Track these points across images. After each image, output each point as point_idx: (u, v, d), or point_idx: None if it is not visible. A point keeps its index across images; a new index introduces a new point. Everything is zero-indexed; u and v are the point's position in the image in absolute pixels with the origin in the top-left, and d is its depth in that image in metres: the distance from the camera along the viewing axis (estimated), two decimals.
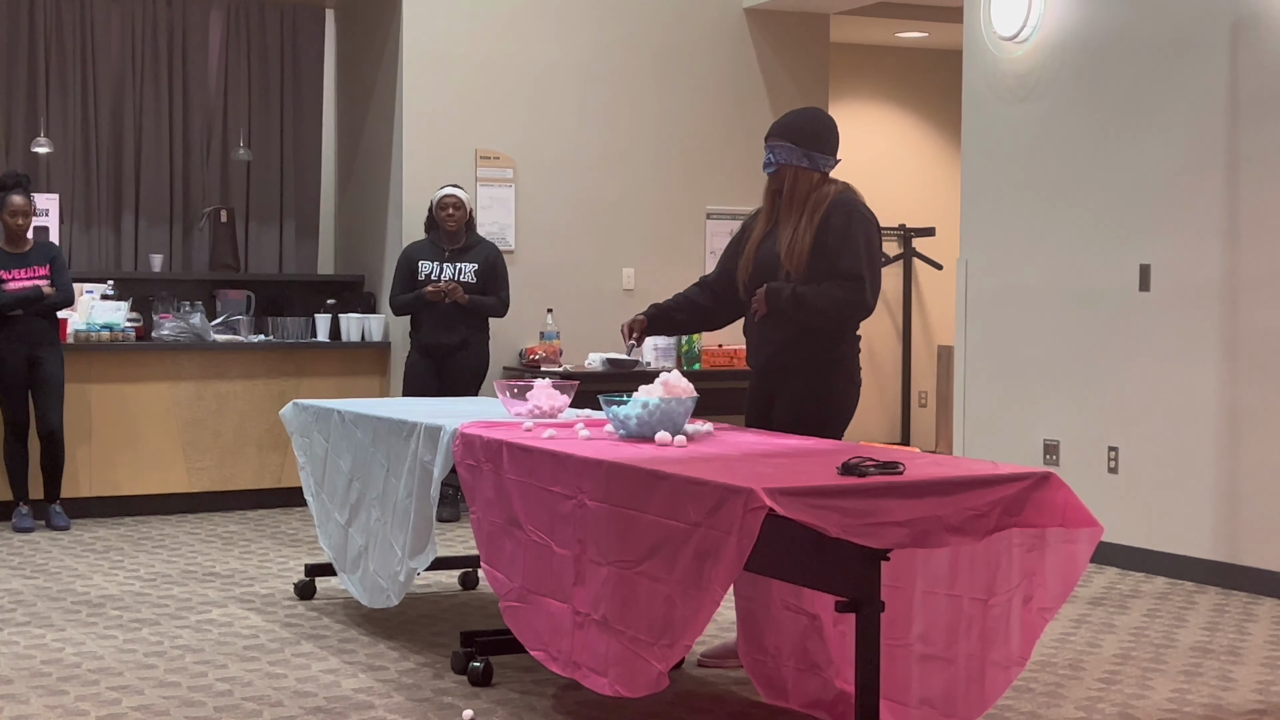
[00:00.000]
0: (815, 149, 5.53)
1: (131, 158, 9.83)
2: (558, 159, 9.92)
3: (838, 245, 5.41)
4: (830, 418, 5.55)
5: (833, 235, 5.42)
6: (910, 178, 12.84)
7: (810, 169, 5.53)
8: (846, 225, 5.43)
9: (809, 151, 5.52)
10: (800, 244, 5.44)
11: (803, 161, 5.52)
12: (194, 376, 9.24)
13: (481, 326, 9.07)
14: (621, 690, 4.37)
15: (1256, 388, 7.14)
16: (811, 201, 5.49)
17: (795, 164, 5.52)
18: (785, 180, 5.54)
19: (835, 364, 5.57)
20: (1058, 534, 4.29)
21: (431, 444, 5.47)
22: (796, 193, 5.52)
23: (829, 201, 5.48)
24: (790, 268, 5.45)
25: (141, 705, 5.00)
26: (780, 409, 5.59)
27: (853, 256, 5.41)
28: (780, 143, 5.54)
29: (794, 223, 5.49)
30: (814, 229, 5.44)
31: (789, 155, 5.52)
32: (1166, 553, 7.52)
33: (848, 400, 5.62)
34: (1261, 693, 5.34)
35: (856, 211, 5.48)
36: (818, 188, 5.53)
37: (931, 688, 4.57)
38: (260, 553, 7.93)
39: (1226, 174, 7.25)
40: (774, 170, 5.56)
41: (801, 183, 5.52)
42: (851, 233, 5.42)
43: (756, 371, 5.72)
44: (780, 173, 5.55)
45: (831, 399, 5.57)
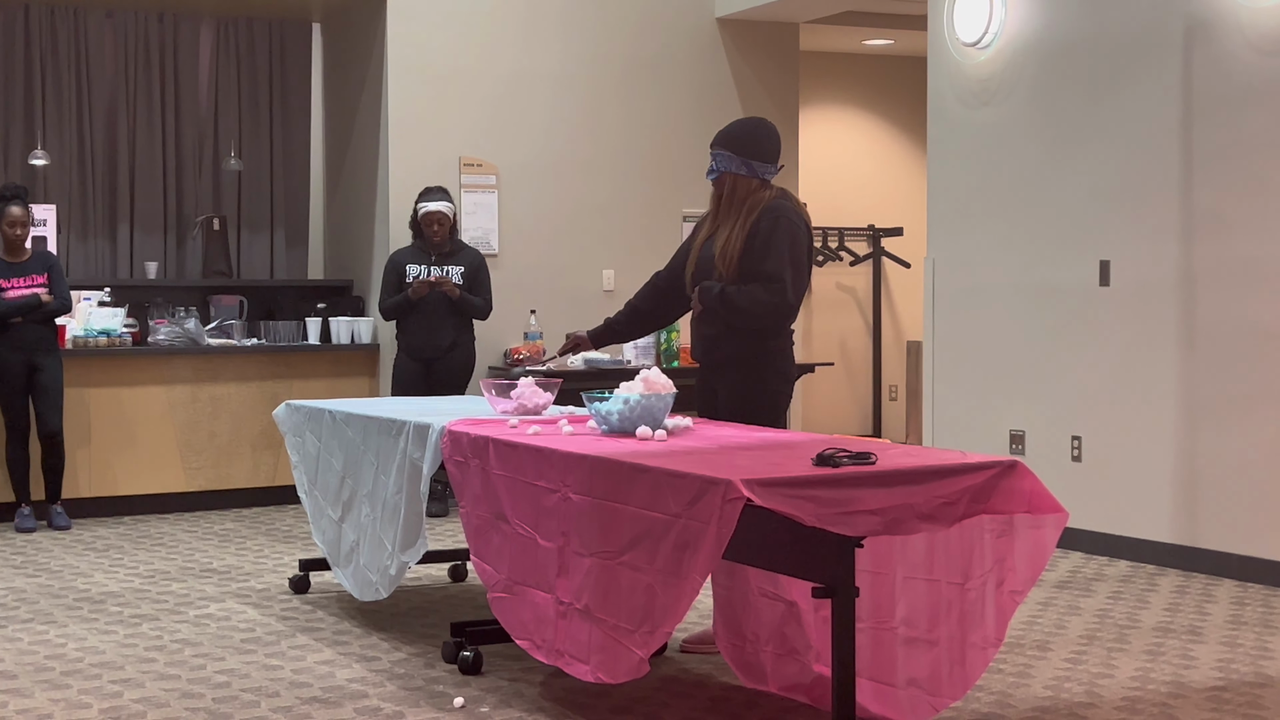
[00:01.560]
0: (753, 157, 5.74)
1: (126, 169, 9.91)
2: (539, 165, 10.01)
3: (762, 249, 5.62)
4: (764, 408, 5.74)
5: (759, 239, 5.63)
6: (878, 180, 12.91)
7: (749, 176, 5.74)
8: (772, 230, 5.64)
9: (747, 160, 5.73)
10: (732, 247, 5.66)
11: (741, 169, 5.73)
12: (189, 380, 9.34)
13: (467, 328, 9.17)
14: (603, 677, 4.43)
15: (1213, 378, 7.26)
16: (747, 207, 5.71)
17: (734, 171, 5.74)
18: (725, 186, 5.78)
19: (765, 358, 5.77)
20: (1025, 520, 4.34)
21: (420, 442, 5.51)
22: (735, 198, 5.75)
23: (761, 207, 5.69)
24: (722, 269, 5.68)
25: (143, 698, 5.06)
26: (721, 400, 5.81)
27: (776, 260, 5.62)
28: (721, 151, 5.77)
29: (729, 227, 5.71)
30: (745, 233, 5.65)
31: (728, 163, 5.74)
32: (1129, 537, 7.64)
33: (779, 393, 5.82)
34: (1222, 670, 5.43)
35: (784, 217, 5.67)
36: (754, 193, 5.74)
37: (917, 669, 4.62)
38: (256, 549, 8.01)
39: (1182, 172, 7.38)
40: (715, 177, 5.80)
41: (740, 189, 5.75)
42: (776, 238, 5.63)
43: (699, 365, 5.96)
44: (721, 179, 5.79)
45: (763, 392, 5.77)
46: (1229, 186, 7.20)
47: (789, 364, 5.87)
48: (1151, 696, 5.10)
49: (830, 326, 12.77)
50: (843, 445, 4.46)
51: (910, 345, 12.52)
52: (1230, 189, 7.19)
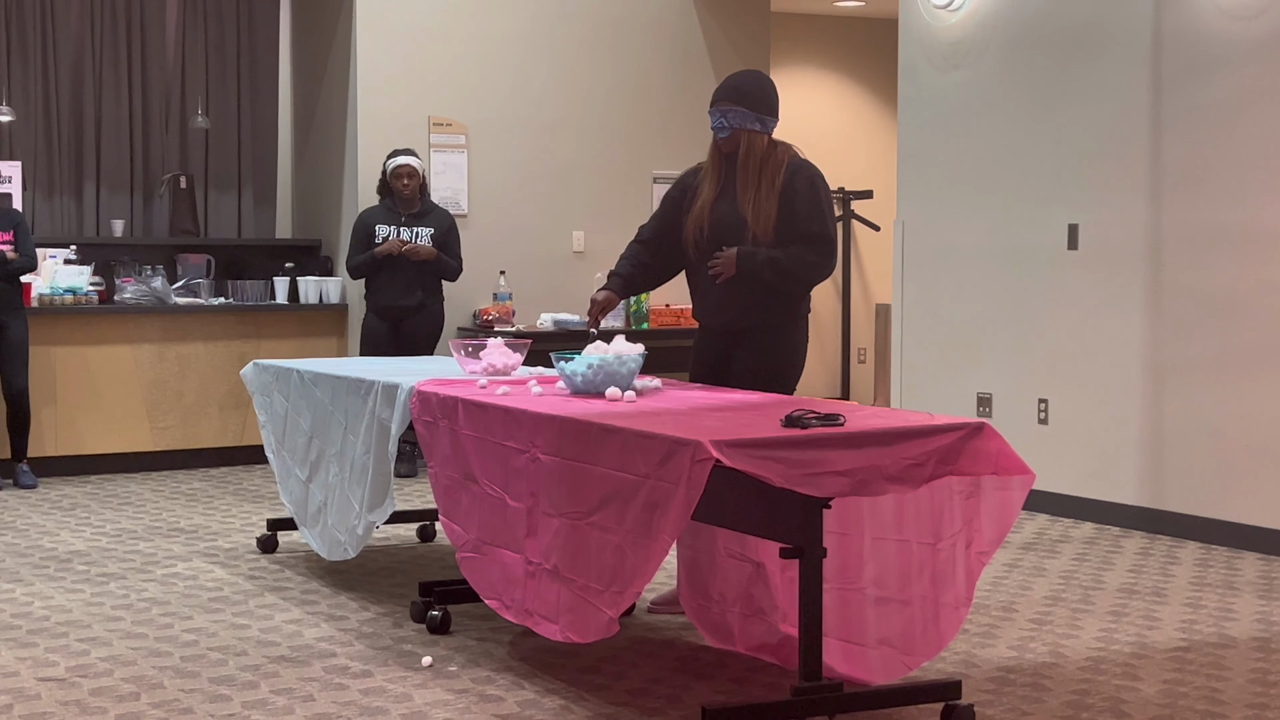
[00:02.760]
0: (766, 113, 5.57)
1: (92, 126, 9.84)
2: (508, 125, 9.99)
3: (806, 210, 5.49)
4: (788, 374, 5.66)
5: (800, 200, 5.49)
6: (849, 143, 12.92)
7: (761, 132, 5.57)
8: (811, 190, 5.52)
9: (761, 116, 5.56)
10: (766, 208, 5.49)
11: (755, 125, 5.55)
12: (156, 339, 9.32)
13: (436, 289, 9.16)
14: (572, 636, 4.44)
15: (1179, 341, 7.31)
16: (769, 166, 5.53)
17: (749, 128, 5.54)
18: (740, 145, 5.55)
19: (795, 322, 5.68)
20: (992, 482, 4.35)
21: (389, 402, 5.51)
22: (751, 157, 5.54)
23: (786, 166, 5.54)
24: (758, 232, 5.49)
25: (110, 656, 5.06)
26: (738, 366, 5.65)
27: (820, 221, 5.51)
28: (732, 107, 5.53)
29: (754, 188, 5.52)
30: (777, 194, 5.50)
31: (742, 119, 5.53)
32: (1094, 499, 7.70)
33: (802, 356, 5.73)
34: (1185, 631, 5.48)
35: (816, 174, 5.57)
36: (770, 151, 5.57)
37: (889, 629, 4.63)
38: (223, 509, 8.01)
39: (1150, 137, 7.41)
40: (728, 135, 5.56)
41: (755, 147, 5.55)
42: (818, 197, 5.53)
43: (713, 331, 5.74)
44: (734, 137, 5.55)
45: (791, 356, 5.67)
46: (1197, 151, 7.23)
47: (808, 327, 5.79)
48: (1115, 657, 5.15)
49: None
50: (811, 407, 4.48)
51: (879, 308, 12.56)
52: (1199, 153, 7.23)
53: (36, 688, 4.73)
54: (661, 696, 4.65)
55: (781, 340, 5.65)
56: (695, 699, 4.59)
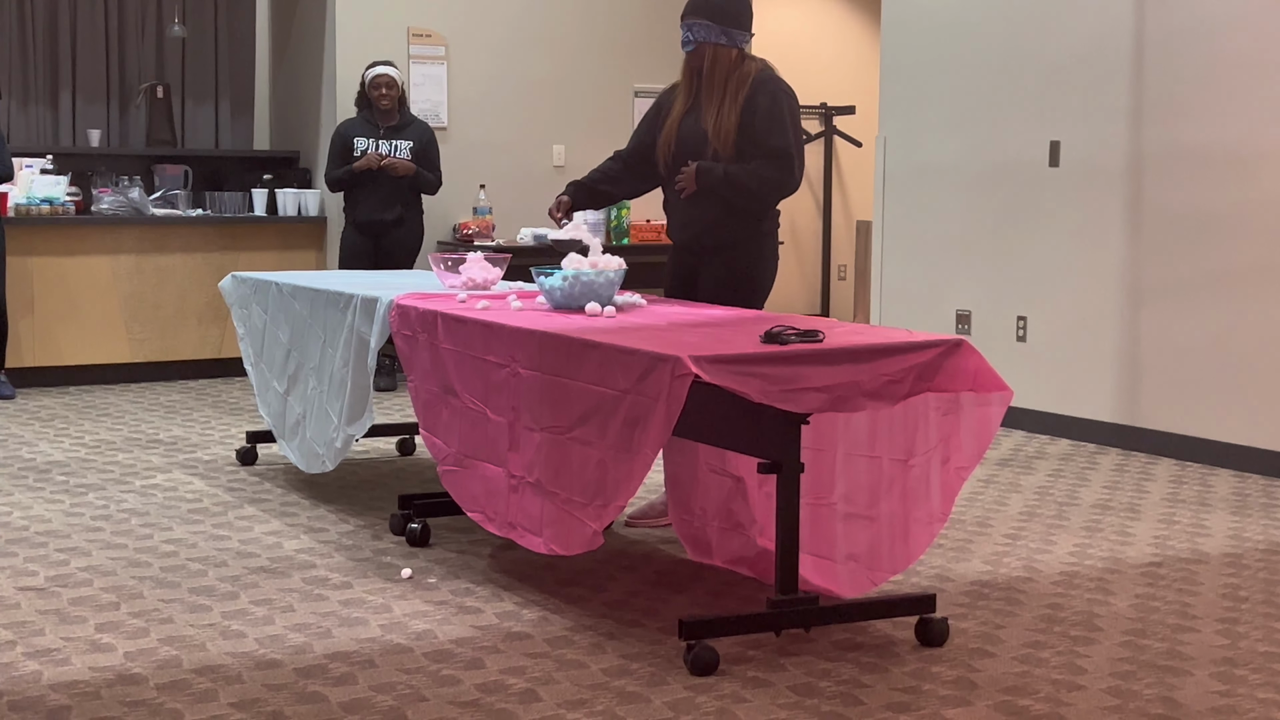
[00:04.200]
0: (732, 25, 5.51)
1: (67, 34, 9.77)
2: (489, 38, 9.94)
3: (765, 124, 5.44)
4: (754, 291, 5.63)
5: (759, 115, 5.45)
6: (831, 57, 12.86)
7: (729, 45, 5.51)
8: (773, 104, 5.46)
9: (726, 29, 5.50)
10: (726, 123, 5.45)
11: (721, 39, 5.50)
12: (134, 250, 9.28)
13: (416, 203, 9.15)
14: (556, 549, 4.46)
15: (1158, 261, 7.33)
16: (734, 80, 5.49)
17: (714, 41, 5.49)
18: (705, 58, 5.51)
19: (760, 239, 5.64)
20: (971, 398, 4.35)
21: (368, 316, 5.49)
22: (717, 71, 5.50)
23: (751, 80, 5.49)
24: (718, 146, 5.47)
25: (89, 566, 5.08)
26: (705, 282, 5.64)
27: (781, 135, 5.45)
28: (698, 20, 5.50)
29: (717, 102, 5.49)
30: (739, 108, 5.45)
31: (707, 33, 5.48)
32: (1071, 416, 7.75)
33: (769, 273, 5.70)
34: (1157, 547, 5.54)
35: (781, 89, 5.50)
36: (737, 65, 5.52)
37: (856, 544, 4.66)
38: (202, 421, 8.02)
39: (1133, 55, 7.40)
40: (693, 49, 5.53)
41: (721, 60, 5.51)
42: (778, 111, 5.46)
43: (680, 247, 5.74)
44: (699, 50, 5.51)
45: (756, 273, 5.65)
46: (1180, 71, 7.23)
47: (776, 245, 5.75)
48: (1088, 572, 5.20)
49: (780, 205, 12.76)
50: (791, 324, 4.48)
51: (860, 225, 12.55)
52: (1181, 74, 7.23)
53: (16, 596, 4.74)
54: (639, 609, 4.69)
55: (747, 256, 5.63)
56: (673, 611, 4.63)
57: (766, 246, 5.68)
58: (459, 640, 4.35)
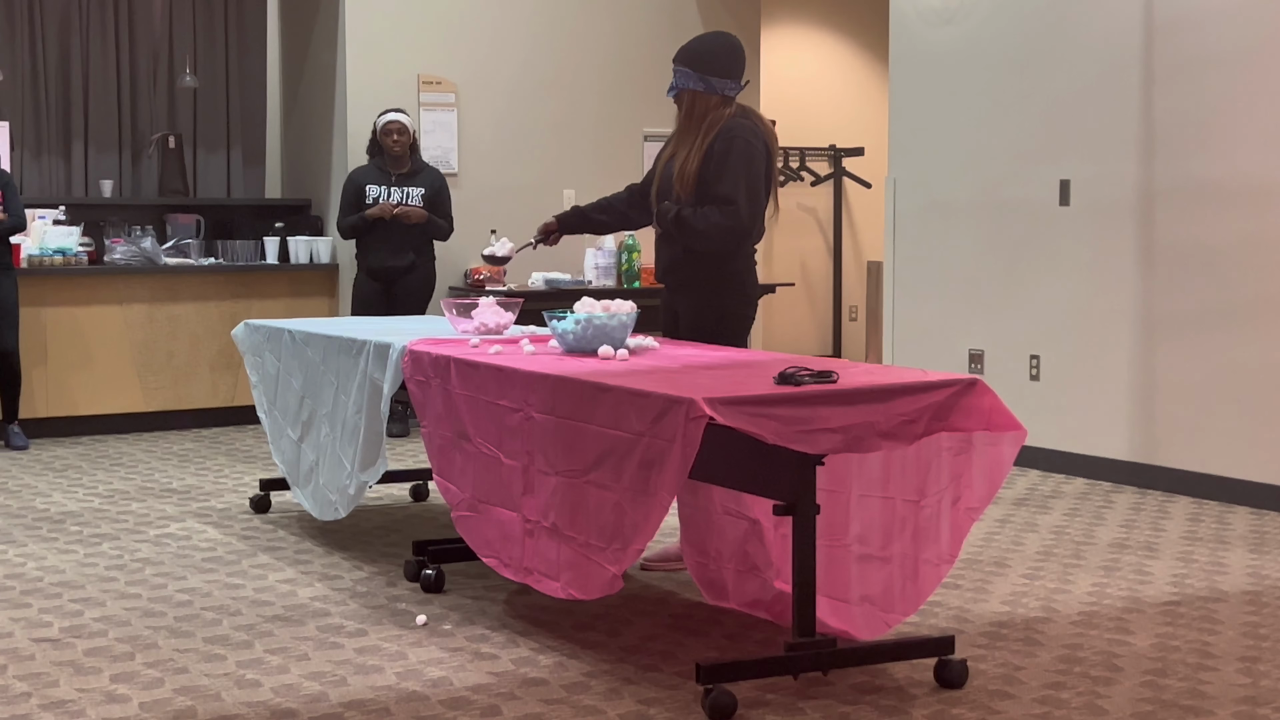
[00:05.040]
0: (711, 73, 5.62)
1: (80, 85, 9.81)
2: (499, 83, 9.98)
3: (718, 170, 5.56)
4: (725, 330, 5.71)
5: (714, 160, 5.57)
6: (840, 99, 12.89)
7: (707, 93, 5.63)
8: (727, 151, 5.57)
9: (704, 76, 5.62)
10: (689, 167, 5.60)
11: (699, 85, 5.62)
12: (146, 299, 9.29)
13: (428, 249, 9.17)
14: (575, 593, 4.46)
15: (1170, 296, 7.32)
16: (705, 125, 5.62)
17: (692, 88, 5.64)
18: (684, 104, 5.68)
19: (725, 280, 5.73)
20: (983, 438, 4.34)
21: (381, 361, 5.50)
22: (693, 116, 5.66)
23: (720, 127, 5.61)
24: (680, 190, 5.62)
25: (104, 616, 5.07)
26: (682, 320, 5.79)
27: (729, 182, 5.55)
28: (680, 67, 5.66)
29: (687, 146, 5.64)
30: (701, 153, 5.58)
31: (686, 80, 5.64)
32: (1086, 455, 7.73)
33: (740, 315, 5.78)
34: (1176, 585, 5.51)
35: (739, 137, 5.58)
36: (713, 111, 5.64)
37: (870, 586, 4.65)
38: (215, 469, 8.01)
39: (1142, 91, 7.40)
40: (674, 94, 5.71)
41: (698, 106, 5.65)
42: (731, 159, 5.56)
43: (663, 285, 5.92)
44: (680, 96, 5.69)
45: (723, 313, 5.73)
46: (1189, 106, 7.23)
47: (750, 285, 5.82)
48: (1107, 611, 5.17)
49: (791, 247, 12.80)
50: (804, 365, 4.47)
51: (871, 265, 12.57)
52: (1190, 108, 7.22)
53: (31, 648, 4.73)
54: (656, 653, 4.67)
55: (713, 295, 5.73)
56: (690, 655, 4.61)
57: (733, 286, 5.76)
58: (475, 687, 4.33)
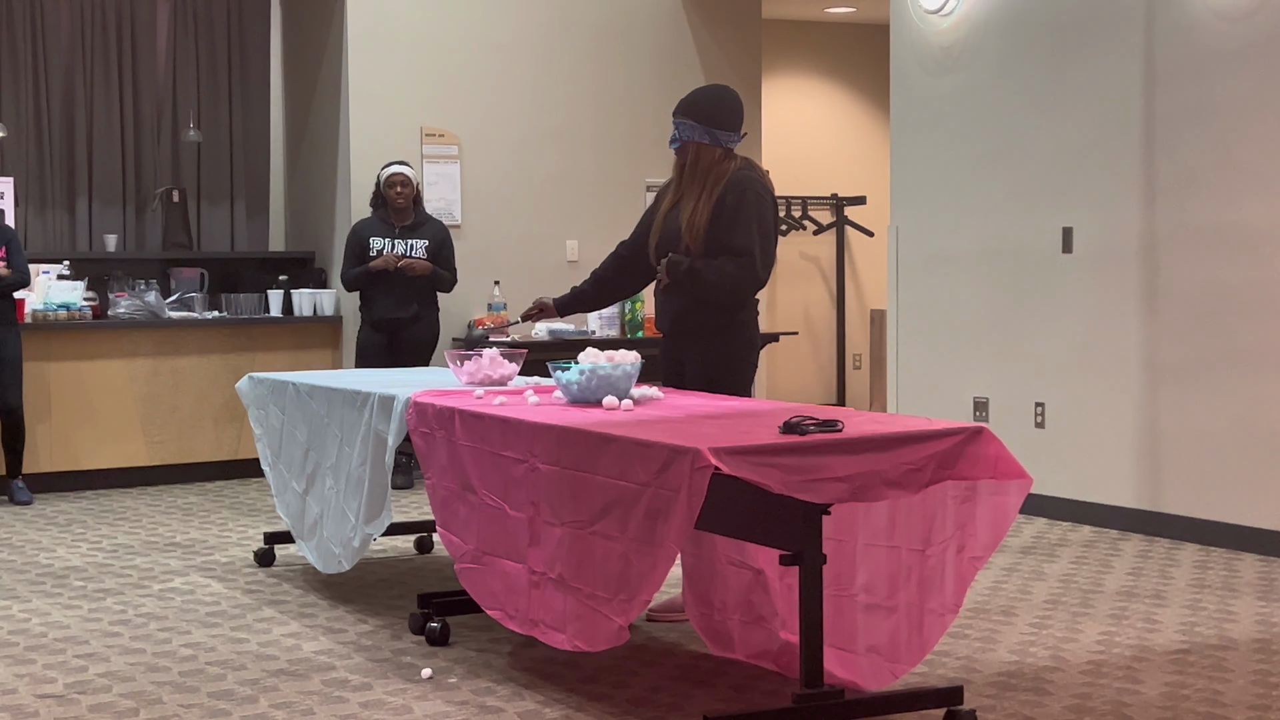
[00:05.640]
0: (716, 125, 5.70)
1: (84, 140, 9.85)
2: (501, 135, 10.01)
3: (730, 222, 5.61)
4: (732, 378, 5.75)
5: (727, 212, 5.62)
6: (842, 148, 12.94)
7: (712, 145, 5.71)
8: (739, 203, 5.62)
9: (710, 129, 5.69)
10: (699, 219, 5.64)
11: (704, 138, 5.70)
12: (150, 353, 9.31)
13: (431, 300, 9.18)
14: (581, 645, 4.43)
15: (1175, 342, 7.31)
16: (712, 177, 5.68)
17: (697, 140, 5.70)
18: (688, 155, 5.73)
19: (733, 329, 5.77)
20: (989, 486, 4.34)
21: (385, 413, 5.50)
22: (698, 168, 5.72)
23: (727, 179, 5.67)
24: (689, 241, 5.65)
25: (108, 672, 5.06)
26: (689, 369, 5.81)
27: (744, 234, 5.61)
28: (684, 120, 5.72)
29: (694, 198, 5.69)
30: (711, 205, 5.63)
31: (690, 132, 5.70)
32: (1092, 502, 7.71)
33: (745, 362, 5.83)
34: (1185, 634, 5.48)
35: (750, 189, 5.66)
36: (719, 163, 5.71)
37: (877, 636, 4.64)
38: (220, 522, 8.00)
39: (1143, 137, 7.42)
40: (678, 146, 5.74)
41: (703, 158, 5.72)
42: (744, 211, 5.62)
43: (665, 335, 5.94)
44: (684, 148, 5.73)
45: (730, 362, 5.77)
46: (1191, 152, 7.24)
47: (755, 334, 5.89)
48: (1116, 660, 5.15)
49: (794, 295, 12.81)
50: (809, 413, 4.46)
51: (874, 314, 12.58)
52: (1192, 155, 7.23)
53: (35, 704, 4.71)
54: (663, 705, 4.65)
55: (722, 345, 5.78)
56: (697, 707, 4.59)
57: (742, 335, 5.82)
58: None
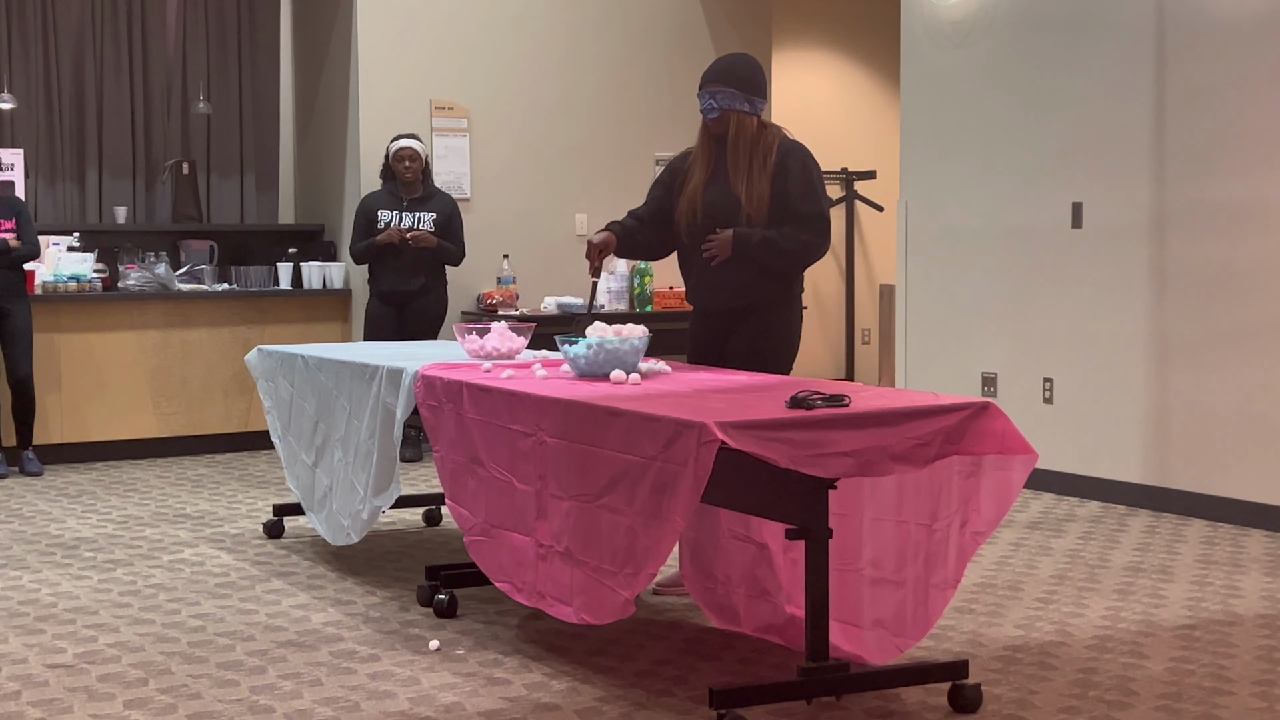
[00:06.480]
0: (754, 93, 5.56)
1: (94, 112, 9.85)
2: (511, 108, 10.01)
3: (799, 190, 5.49)
4: (784, 354, 5.67)
5: (792, 180, 5.49)
6: (851, 122, 12.90)
7: (750, 113, 5.56)
8: (804, 170, 5.52)
9: (749, 96, 5.55)
10: (759, 189, 5.48)
11: (744, 106, 5.54)
12: (160, 325, 9.33)
13: (440, 273, 9.18)
14: (587, 618, 4.45)
15: (1184, 320, 7.32)
16: (760, 148, 5.53)
17: (738, 109, 5.54)
18: (730, 126, 5.55)
19: (789, 302, 5.68)
20: (993, 461, 4.34)
21: (394, 386, 5.50)
22: (742, 139, 5.54)
23: (777, 147, 5.54)
24: (751, 213, 5.49)
25: (117, 642, 5.08)
26: (735, 347, 5.65)
27: (814, 200, 5.51)
28: (722, 88, 5.53)
29: (745, 169, 5.52)
30: (769, 175, 5.50)
31: (731, 100, 5.52)
32: (1099, 478, 7.72)
33: (796, 336, 5.74)
34: (1191, 609, 5.50)
35: (809, 155, 5.58)
36: (760, 132, 5.56)
37: (883, 610, 4.64)
38: (229, 494, 8.03)
39: (1154, 114, 7.40)
40: (717, 116, 5.56)
41: (745, 128, 5.55)
42: (810, 177, 5.53)
43: (708, 313, 5.73)
44: (724, 118, 5.55)
45: (786, 336, 5.68)
46: (1202, 128, 7.23)
47: (802, 307, 5.79)
48: (1122, 635, 5.16)
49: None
50: (816, 388, 4.47)
51: (883, 288, 12.54)
52: (1203, 131, 7.23)
53: (45, 674, 4.74)
54: (669, 678, 4.67)
55: (777, 320, 5.67)
56: (703, 680, 4.61)
57: (795, 311, 5.73)
58: (488, 712, 4.33)
